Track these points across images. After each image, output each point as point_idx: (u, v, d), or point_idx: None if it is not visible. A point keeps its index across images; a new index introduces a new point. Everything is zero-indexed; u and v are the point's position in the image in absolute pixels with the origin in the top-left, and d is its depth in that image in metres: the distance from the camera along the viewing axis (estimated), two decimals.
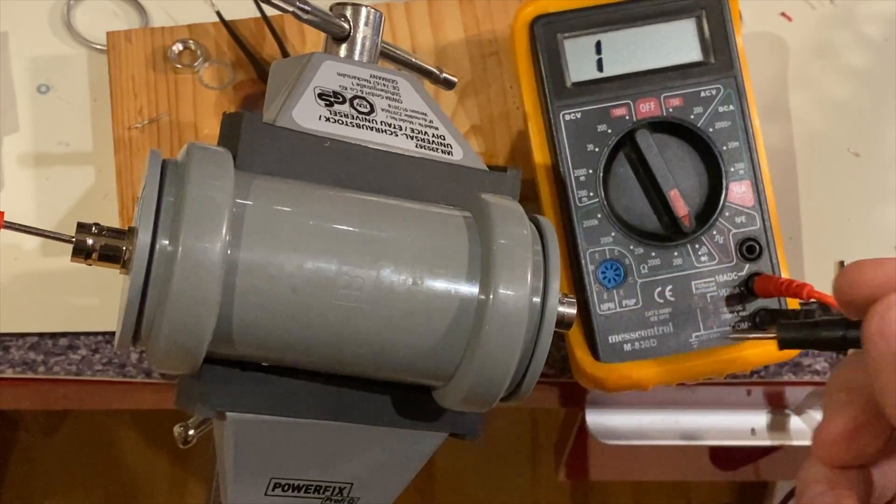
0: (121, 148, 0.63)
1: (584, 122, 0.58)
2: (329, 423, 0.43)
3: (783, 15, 0.71)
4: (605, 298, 0.58)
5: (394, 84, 0.49)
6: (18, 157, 0.66)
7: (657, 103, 0.59)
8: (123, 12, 0.70)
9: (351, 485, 0.45)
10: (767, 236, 0.59)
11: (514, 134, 0.65)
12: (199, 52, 0.65)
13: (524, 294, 0.39)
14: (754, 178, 0.59)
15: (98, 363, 0.64)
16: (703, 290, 0.58)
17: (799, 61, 0.70)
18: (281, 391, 0.42)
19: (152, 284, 0.37)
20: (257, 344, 0.39)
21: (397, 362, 0.41)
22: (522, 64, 0.59)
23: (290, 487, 0.44)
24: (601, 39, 0.59)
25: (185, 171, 0.38)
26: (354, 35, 0.52)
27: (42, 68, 0.68)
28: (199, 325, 0.37)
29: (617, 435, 0.73)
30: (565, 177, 0.58)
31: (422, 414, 0.44)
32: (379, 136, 0.46)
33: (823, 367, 0.66)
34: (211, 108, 0.65)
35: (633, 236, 0.58)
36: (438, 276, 0.40)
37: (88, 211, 0.65)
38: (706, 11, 0.59)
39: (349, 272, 0.39)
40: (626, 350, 0.58)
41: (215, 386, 0.41)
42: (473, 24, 0.66)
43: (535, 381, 0.42)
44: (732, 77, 0.59)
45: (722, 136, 0.59)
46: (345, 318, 0.39)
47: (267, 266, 0.38)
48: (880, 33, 0.71)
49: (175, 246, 0.36)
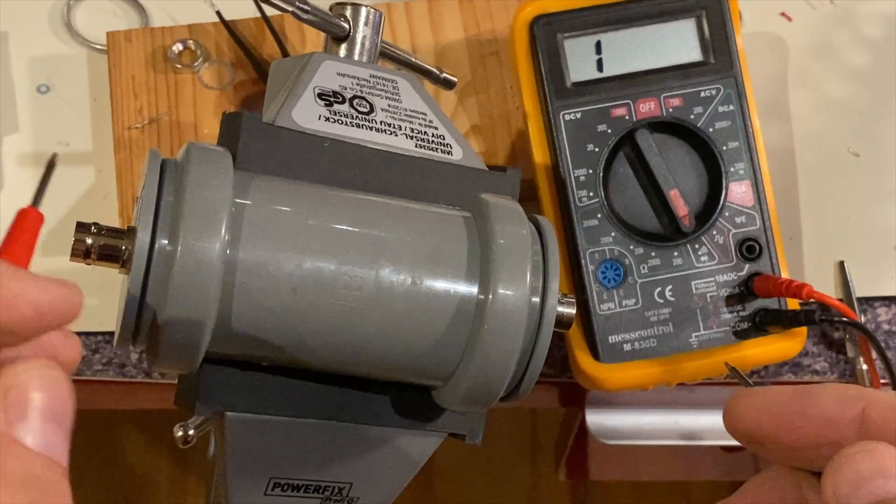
0: (121, 148, 0.63)
1: (584, 122, 0.58)
2: (328, 423, 0.43)
3: (783, 15, 0.71)
4: (605, 298, 0.58)
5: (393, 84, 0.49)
6: (18, 157, 0.66)
7: (657, 103, 0.59)
8: (123, 12, 0.70)
9: (350, 485, 0.45)
10: (767, 236, 0.59)
11: (514, 134, 0.65)
12: (199, 52, 0.65)
13: (523, 294, 0.39)
14: (754, 178, 0.59)
15: (98, 363, 0.64)
16: (703, 290, 0.58)
17: (799, 61, 0.70)
18: (280, 391, 0.42)
19: (151, 284, 0.37)
20: (256, 344, 0.39)
21: (396, 362, 0.41)
22: (522, 64, 0.59)
23: (290, 487, 0.44)
24: (601, 39, 0.59)
25: (184, 170, 0.38)
26: (354, 35, 0.52)
27: (42, 68, 0.68)
28: (198, 324, 0.37)
29: (617, 435, 0.73)
30: (565, 177, 0.58)
31: (421, 414, 0.44)
32: (378, 135, 0.46)
33: (823, 367, 0.66)
34: (211, 108, 0.65)
35: (633, 236, 0.58)
36: (438, 276, 0.40)
37: (88, 211, 0.65)
38: (706, 11, 0.59)
39: (348, 272, 0.39)
40: (626, 350, 0.58)
41: (214, 385, 0.41)
42: (473, 24, 0.67)
43: (535, 380, 0.42)
44: (732, 77, 0.59)
45: (722, 136, 0.59)
46: (344, 318, 0.39)
47: (266, 266, 0.38)
48: (880, 33, 0.71)
49: (174, 245, 0.36)
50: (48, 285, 0.30)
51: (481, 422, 0.45)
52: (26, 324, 0.29)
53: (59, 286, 0.31)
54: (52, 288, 0.30)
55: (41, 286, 0.30)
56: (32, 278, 0.30)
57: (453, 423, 0.45)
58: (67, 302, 0.30)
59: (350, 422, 0.43)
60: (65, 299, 0.30)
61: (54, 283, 0.31)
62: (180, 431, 0.55)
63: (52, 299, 0.30)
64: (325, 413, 0.43)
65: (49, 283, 0.30)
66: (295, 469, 0.43)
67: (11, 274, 0.29)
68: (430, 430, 0.45)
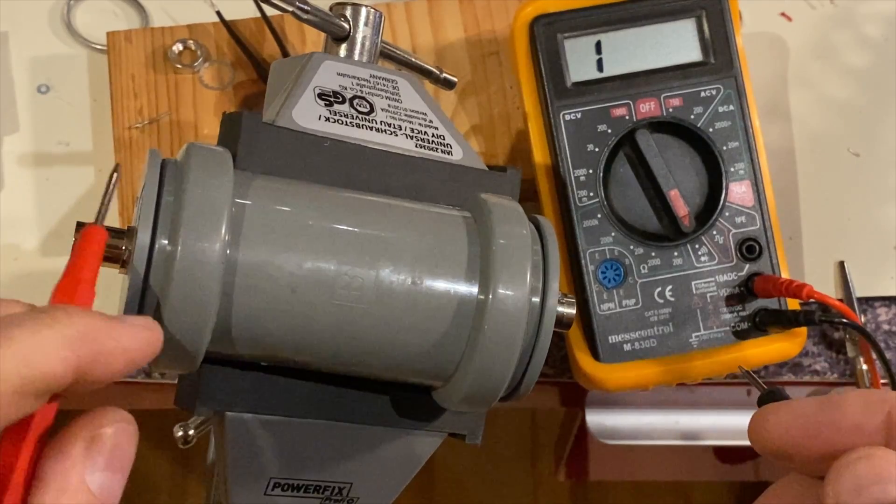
0: (121, 148, 0.63)
1: (584, 122, 0.58)
2: (328, 423, 0.43)
3: (783, 15, 0.71)
4: (605, 298, 0.58)
5: (393, 84, 0.49)
6: (18, 157, 0.66)
7: (657, 103, 0.59)
8: (123, 12, 0.70)
9: (350, 485, 0.45)
10: (767, 236, 0.59)
11: (514, 134, 0.65)
12: (199, 52, 0.65)
13: (523, 294, 0.39)
14: (754, 178, 0.59)
15: None
16: (703, 290, 0.58)
17: (799, 61, 0.70)
18: (280, 391, 0.42)
19: (151, 284, 0.37)
20: (256, 344, 0.39)
21: (396, 362, 0.41)
22: (522, 64, 0.59)
23: (290, 487, 0.44)
24: (601, 39, 0.59)
25: (184, 170, 0.38)
26: (354, 35, 0.52)
27: (42, 68, 0.68)
28: (198, 324, 0.37)
29: (617, 435, 0.73)
30: (565, 177, 0.58)
31: (421, 414, 0.44)
32: (378, 135, 0.46)
33: (823, 368, 0.66)
34: (211, 108, 0.65)
35: (633, 236, 0.58)
36: (438, 276, 0.40)
37: (88, 211, 0.65)
38: (706, 11, 0.59)
39: (348, 272, 0.39)
40: (626, 350, 0.58)
41: (214, 385, 0.41)
42: (473, 24, 0.66)
43: (535, 381, 0.42)
44: (732, 77, 0.59)
45: (722, 136, 0.59)
46: (344, 318, 0.39)
47: (266, 266, 0.38)
48: (880, 33, 0.71)
49: (174, 246, 0.36)
50: (137, 332, 0.32)
51: (481, 422, 0.45)
52: (118, 376, 0.31)
53: (146, 331, 0.32)
54: (141, 335, 0.32)
55: (132, 335, 0.32)
56: (125, 329, 0.31)
57: (453, 423, 0.45)
58: (153, 346, 0.32)
59: (350, 422, 0.43)
60: (150, 343, 0.32)
61: (141, 328, 0.32)
62: (180, 431, 0.55)
63: (140, 346, 0.32)
64: (325, 413, 0.43)
65: (138, 331, 0.32)
66: (295, 469, 0.43)
67: (108, 331, 0.31)
68: (430, 431, 0.45)
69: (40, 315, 0.30)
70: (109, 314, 0.32)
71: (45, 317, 0.30)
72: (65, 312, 0.30)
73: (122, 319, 0.32)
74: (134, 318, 0.33)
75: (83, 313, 0.31)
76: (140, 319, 0.33)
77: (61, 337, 0.29)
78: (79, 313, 0.30)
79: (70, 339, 0.29)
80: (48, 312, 0.30)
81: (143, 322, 0.33)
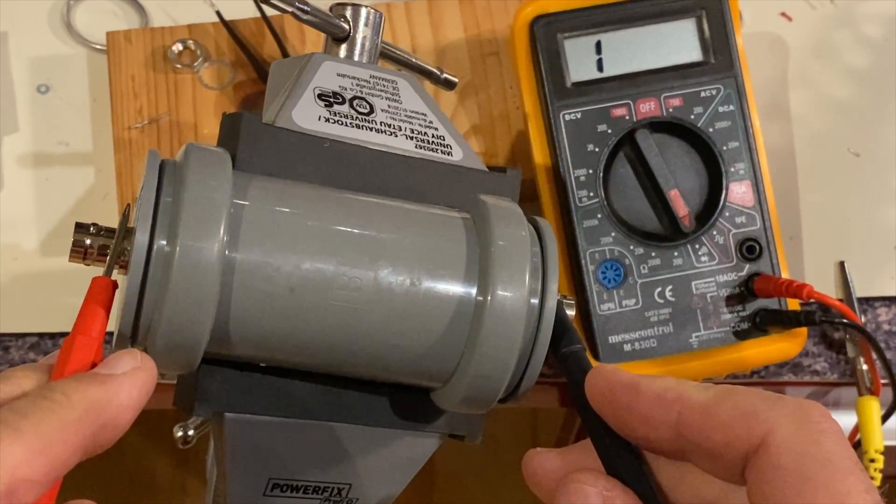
0: (121, 148, 0.63)
1: (584, 122, 0.58)
2: (327, 423, 0.43)
3: (783, 15, 0.71)
4: (605, 299, 0.58)
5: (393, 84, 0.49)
6: (18, 157, 0.66)
7: (657, 103, 0.59)
8: (123, 12, 0.70)
9: (349, 485, 0.45)
10: (767, 236, 0.59)
11: (514, 134, 0.65)
12: (199, 52, 0.65)
13: (522, 295, 0.39)
14: (754, 178, 0.59)
15: None
16: (703, 291, 0.58)
17: (799, 61, 0.70)
18: (279, 391, 0.42)
19: (150, 284, 0.37)
20: (255, 344, 0.39)
21: (395, 363, 0.41)
22: (522, 64, 0.59)
23: (289, 488, 0.44)
24: (601, 39, 0.59)
25: (183, 171, 0.38)
26: (354, 35, 0.52)
27: (42, 68, 0.68)
28: (197, 325, 0.37)
29: None
30: (565, 177, 0.58)
31: (420, 415, 0.44)
32: (378, 136, 0.46)
33: (823, 368, 0.66)
34: (211, 108, 0.65)
35: (633, 236, 0.58)
36: (437, 278, 0.40)
37: (88, 211, 0.65)
38: (706, 11, 0.59)
39: (347, 273, 0.39)
40: (626, 350, 0.58)
41: (213, 386, 0.41)
42: (473, 24, 0.66)
43: (533, 382, 0.42)
44: (732, 77, 0.59)
45: (722, 136, 0.59)
46: (343, 319, 0.39)
47: (264, 266, 0.38)
48: (880, 33, 0.71)
49: (173, 246, 0.36)
50: (134, 381, 0.33)
51: (481, 422, 0.45)
52: (124, 431, 0.33)
53: (141, 373, 0.34)
54: (138, 381, 0.33)
55: (131, 387, 0.33)
56: (124, 384, 0.33)
57: (453, 423, 0.45)
58: (149, 384, 0.34)
59: (349, 422, 0.43)
60: (145, 383, 0.34)
61: (135, 372, 0.33)
62: (180, 432, 0.55)
63: (140, 394, 0.33)
64: (324, 414, 0.43)
65: (134, 379, 0.33)
66: (294, 470, 0.43)
67: (108, 398, 0.32)
68: (429, 431, 0.45)
69: (41, 402, 0.31)
70: (103, 370, 0.33)
71: (45, 402, 0.31)
72: (63, 395, 0.31)
73: (113, 368, 0.33)
74: (125, 362, 0.34)
75: (81, 389, 0.32)
76: (130, 360, 0.34)
77: (64, 425, 0.30)
78: (77, 391, 0.32)
79: (73, 422, 0.31)
80: (48, 398, 0.31)
81: (133, 363, 0.34)
